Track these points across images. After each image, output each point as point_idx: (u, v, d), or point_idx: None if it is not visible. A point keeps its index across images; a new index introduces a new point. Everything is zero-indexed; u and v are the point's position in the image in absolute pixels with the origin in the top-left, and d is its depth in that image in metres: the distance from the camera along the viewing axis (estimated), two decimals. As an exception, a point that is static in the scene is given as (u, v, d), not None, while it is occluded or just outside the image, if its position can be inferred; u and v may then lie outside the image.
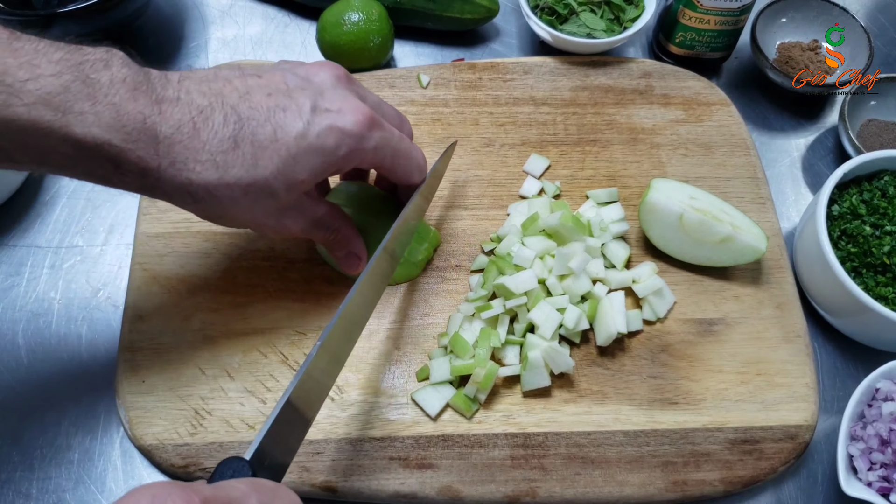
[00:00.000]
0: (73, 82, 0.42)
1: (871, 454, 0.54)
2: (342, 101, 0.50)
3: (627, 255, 0.63)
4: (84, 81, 0.42)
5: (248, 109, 0.47)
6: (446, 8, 0.77)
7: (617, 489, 0.55)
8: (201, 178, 0.45)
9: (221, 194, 0.47)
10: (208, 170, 0.45)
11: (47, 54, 0.42)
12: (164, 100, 0.44)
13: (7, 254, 0.66)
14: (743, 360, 0.60)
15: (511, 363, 0.58)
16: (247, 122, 0.46)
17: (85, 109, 0.42)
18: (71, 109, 0.41)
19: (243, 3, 0.84)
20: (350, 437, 0.56)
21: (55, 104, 0.41)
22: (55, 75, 0.41)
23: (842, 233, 0.62)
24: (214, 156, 0.45)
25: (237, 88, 0.48)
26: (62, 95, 0.41)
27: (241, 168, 0.46)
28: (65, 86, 0.41)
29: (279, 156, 0.47)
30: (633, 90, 0.74)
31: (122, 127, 0.43)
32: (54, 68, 0.41)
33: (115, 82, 0.43)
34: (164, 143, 0.44)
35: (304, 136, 0.47)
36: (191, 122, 0.45)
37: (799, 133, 0.78)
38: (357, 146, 0.49)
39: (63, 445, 0.57)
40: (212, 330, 0.60)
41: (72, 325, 0.63)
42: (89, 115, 0.42)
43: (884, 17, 0.87)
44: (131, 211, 0.68)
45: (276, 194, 0.48)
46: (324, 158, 0.49)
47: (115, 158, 0.43)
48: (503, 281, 0.58)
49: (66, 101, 0.41)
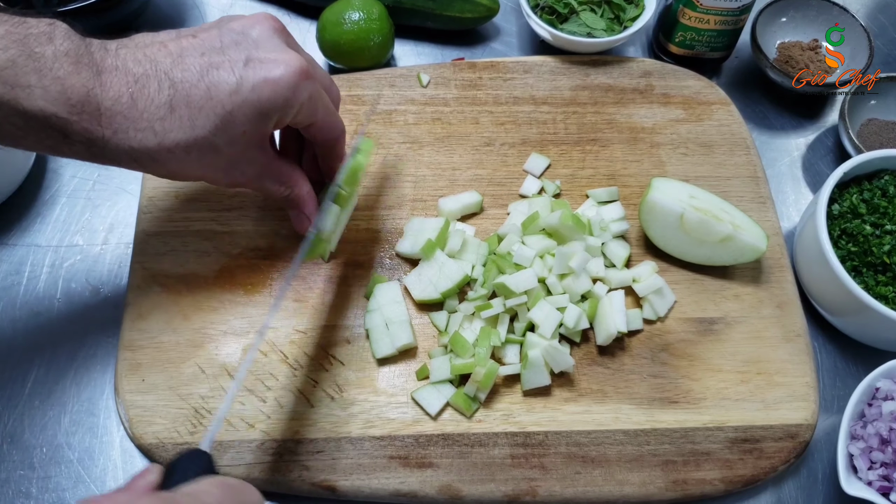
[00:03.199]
0: (19, 56, 0.43)
1: (871, 453, 0.54)
2: (277, 52, 0.50)
3: (627, 254, 0.63)
4: (29, 55, 0.44)
5: (182, 72, 0.48)
6: (446, 7, 0.77)
7: (617, 488, 0.55)
8: (142, 145, 0.48)
9: (164, 157, 0.49)
10: (148, 136, 0.47)
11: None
12: (103, 70, 0.46)
13: (7, 253, 0.66)
14: (743, 359, 0.60)
15: (511, 362, 0.58)
16: (180, 86, 0.48)
17: (32, 83, 0.43)
18: (18, 83, 0.43)
19: (243, 2, 0.84)
20: (350, 436, 0.56)
21: (3, 78, 0.43)
22: (2, 49, 0.43)
23: (842, 232, 0.62)
24: (152, 123, 0.47)
25: (171, 52, 0.49)
26: (9, 70, 0.43)
27: (180, 131, 0.48)
28: (11, 60, 0.43)
29: (215, 113, 0.49)
30: (633, 89, 0.74)
31: (68, 100, 0.44)
32: (1, 42, 0.43)
33: (58, 55, 0.44)
34: (105, 113, 0.46)
35: (238, 91, 0.49)
36: (128, 92, 0.46)
37: (799, 132, 0.78)
38: (291, 96, 0.50)
39: (63, 444, 0.57)
40: (211, 329, 0.60)
41: (72, 323, 0.62)
42: (36, 89, 0.44)
43: (884, 17, 0.87)
44: (131, 210, 0.68)
45: (219, 149, 0.50)
46: (260, 109, 0.50)
47: (63, 129, 0.45)
48: (503, 280, 0.58)
49: (13, 76, 0.43)
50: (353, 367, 0.59)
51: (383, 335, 0.59)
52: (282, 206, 0.60)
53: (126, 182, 0.70)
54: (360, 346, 0.60)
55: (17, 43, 0.43)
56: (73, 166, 0.71)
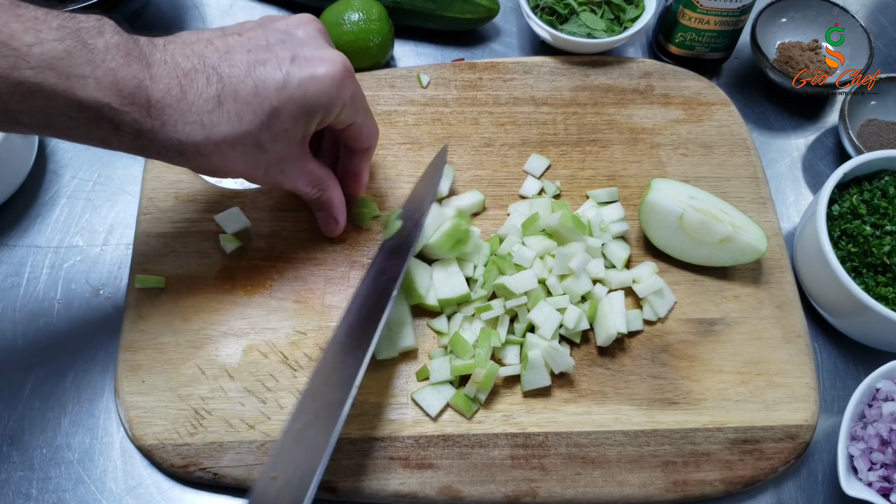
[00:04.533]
0: (74, 47, 0.44)
1: (871, 454, 0.54)
2: (322, 52, 0.52)
3: (627, 255, 0.63)
4: (84, 46, 0.44)
5: (229, 68, 0.49)
6: (446, 8, 0.77)
7: (617, 489, 0.55)
8: (189, 138, 0.48)
9: (210, 151, 0.49)
10: (196, 129, 0.48)
11: (47, 21, 0.44)
12: (152, 63, 0.47)
13: (7, 254, 0.66)
14: (743, 360, 0.60)
15: (511, 363, 0.58)
16: (228, 80, 0.49)
17: (86, 73, 0.44)
18: (73, 73, 0.44)
19: (243, 2, 0.84)
20: (350, 437, 0.56)
21: (59, 68, 0.43)
22: (57, 40, 0.43)
23: (842, 233, 0.62)
24: (201, 116, 0.48)
25: (218, 49, 0.50)
26: (65, 60, 0.43)
27: (227, 125, 0.49)
28: (67, 50, 0.43)
29: (262, 109, 0.50)
30: (633, 90, 0.74)
31: (120, 90, 0.45)
32: (56, 34, 0.43)
33: (109, 48, 0.45)
34: (155, 105, 0.46)
35: (285, 87, 0.50)
36: (178, 85, 0.47)
37: (799, 133, 0.78)
38: (336, 94, 0.52)
39: (63, 445, 0.57)
40: (212, 330, 0.60)
41: (72, 325, 0.62)
42: (90, 80, 0.44)
43: (884, 17, 0.87)
44: (131, 211, 0.68)
45: (264, 146, 0.51)
46: (305, 106, 0.51)
47: (114, 120, 0.46)
48: (503, 281, 0.58)
49: (69, 66, 0.43)
50: (353, 368, 0.59)
51: (384, 337, 0.59)
52: (313, 207, 0.62)
53: (126, 183, 0.70)
54: (360, 346, 0.60)
55: (72, 35, 0.44)
56: (73, 167, 0.71)
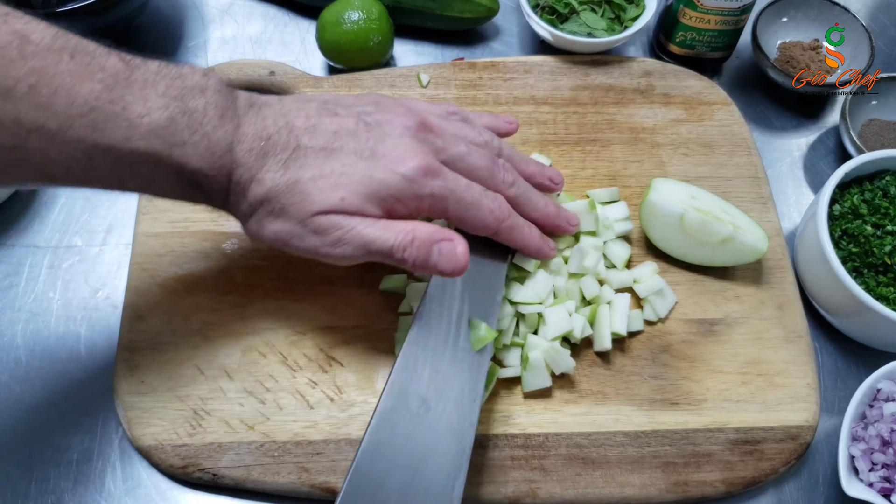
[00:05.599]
0: (177, 114, 0.44)
1: (872, 455, 0.54)
2: (402, 149, 0.50)
3: (628, 255, 0.63)
4: (184, 111, 0.45)
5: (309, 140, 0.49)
6: (446, 7, 0.77)
7: (618, 490, 0.55)
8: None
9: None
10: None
11: (155, 86, 0.44)
12: (240, 125, 0.47)
13: (5, 254, 0.66)
14: (744, 360, 0.60)
15: (512, 364, 0.58)
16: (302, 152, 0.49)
17: (185, 139, 0.44)
18: (174, 140, 0.44)
19: (242, 1, 0.83)
20: (350, 438, 0.56)
21: (163, 136, 0.44)
22: (163, 108, 0.44)
23: (843, 233, 0.62)
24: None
25: (306, 120, 0.50)
26: (169, 128, 0.44)
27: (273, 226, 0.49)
28: (171, 118, 0.44)
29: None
30: (633, 89, 0.74)
31: (212, 154, 0.46)
32: (162, 101, 0.44)
33: (207, 108, 0.46)
34: (240, 167, 0.47)
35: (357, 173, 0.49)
36: (260, 148, 0.47)
37: (800, 133, 0.78)
38: (408, 189, 0.49)
39: (61, 446, 0.57)
40: (211, 330, 0.60)
41: (70, 325, 0.62)
42: (189, 146, 0.45)
43: (885, 17, 0.87)
44: (130, 211, 0.68)
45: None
46: (374, 191, 0.49)
47: (203, 183, 0.47)
48: (520, 297, 0.57)
49: (171, 133, 0.44)
50: (352, 368, 0.59)
51: None
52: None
53: (125, 182, 0.70)
54: (359, 346, 0.60)
55: (176, 100, 0.44)
56: (72, 167, 0.70)
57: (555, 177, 0.61)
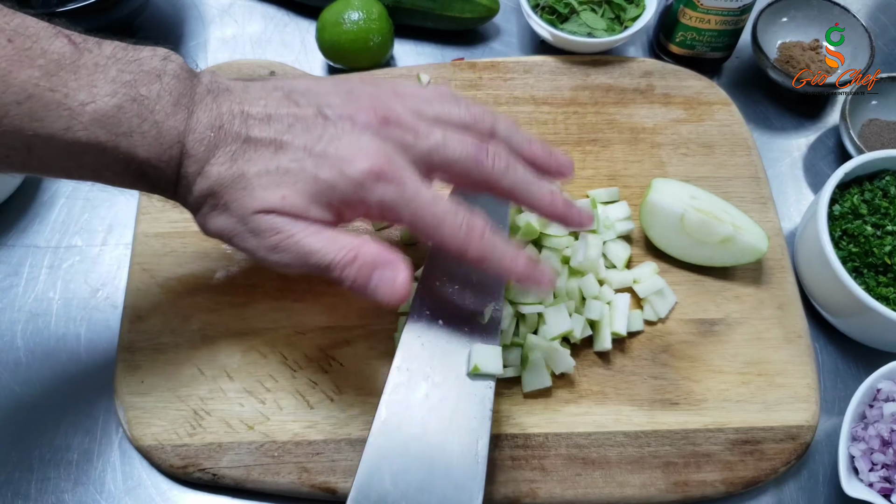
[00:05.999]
0: (126, 101, 0.42)
1: (872, 455, 0.54)
2: (355, 148, 0.44)
3: (628, 255, 0.63)
4: (134, 99, 0.42)
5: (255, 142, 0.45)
6: (446, 7, 0.77)
7: (618, 490, 0.55)
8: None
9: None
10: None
11: (106, 71, 0.42)
12: (193, 113, 0.44)
13: (5, 254, 0.66)
14: (744, 360, 0.60)
15: (512, 364, 0.58)
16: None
17: (133, 129, 0.42)
18: (120, 130, 0.42)
19: (242, 1, 0.83)
20: (350, 438, 0.56)
21: (108, 125, 0.42)
22: (110, 95, 0.42)
23: (843, 233, 0.62)
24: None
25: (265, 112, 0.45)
26: (116, 116, 0.42)
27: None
28: (118, 105, 0.42)
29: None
30: (633, 89, 0.74)
31: (161, 145, 0.43)
32: (110, 87, 0.42)
33: (161, 95, 0.43)
34: (189, 159, 0.44)
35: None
36: (210, 139, 0.44)
37: (800, 133, 0.77)
38: (354, 194, 0.44)
39: (62, 446, 0.57)
40: (211, 330, 0.60)
41: (70, 325, 0.62)
42: (136, 136, 0.42)
43: (885, 17, 0.87)
44: (130, 211, 0.68)
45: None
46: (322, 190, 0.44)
47: (151, 174, 0.45)
48: (519, 290, 0.57)
49: (117, 123, 0.42)
50: (352, 368, 0.59)
51: None
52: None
53: (125, 182, 0.70)
54: (359, 347, 0.60)
55: (126, 86, 0.42)
56: (72, 167, 0.70)
57: (564, 162, 0.52)
